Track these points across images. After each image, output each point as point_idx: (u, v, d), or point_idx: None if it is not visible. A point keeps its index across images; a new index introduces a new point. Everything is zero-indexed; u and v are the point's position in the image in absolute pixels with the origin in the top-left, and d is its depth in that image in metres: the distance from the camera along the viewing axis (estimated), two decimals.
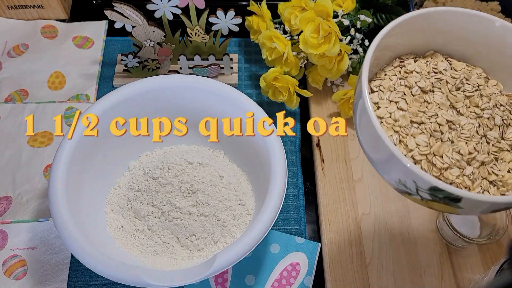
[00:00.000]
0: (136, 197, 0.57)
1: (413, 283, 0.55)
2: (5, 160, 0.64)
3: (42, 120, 0.67)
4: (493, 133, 0.35)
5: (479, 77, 0.39)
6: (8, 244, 0.57)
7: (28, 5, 0.75)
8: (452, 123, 0.35)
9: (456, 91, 0.37)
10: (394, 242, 0.58)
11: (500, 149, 0.35)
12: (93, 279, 0.55)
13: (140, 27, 0.62)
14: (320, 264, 0.57)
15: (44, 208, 0.59)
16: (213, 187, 0.57)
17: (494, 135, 0.35)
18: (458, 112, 0.36)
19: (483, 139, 0.35)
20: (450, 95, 0.36)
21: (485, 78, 0.39)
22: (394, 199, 0.61)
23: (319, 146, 0.65)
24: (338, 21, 0.64)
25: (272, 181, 0.48)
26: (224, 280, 0.55)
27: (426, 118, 0.35)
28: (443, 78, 0.37)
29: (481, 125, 0.35)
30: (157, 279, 0.43)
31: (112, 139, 0.55)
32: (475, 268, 0.56)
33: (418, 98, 0.36)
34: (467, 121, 0.35)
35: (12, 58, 0.73)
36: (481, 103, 0.36)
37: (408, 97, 0.36)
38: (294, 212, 0.61)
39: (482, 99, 0.37)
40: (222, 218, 0.55)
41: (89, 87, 0.71)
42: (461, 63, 0.39)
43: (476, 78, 0.38)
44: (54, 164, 0.49)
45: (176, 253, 0.53)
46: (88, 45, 0.75)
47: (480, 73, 0.39)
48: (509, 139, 0.35)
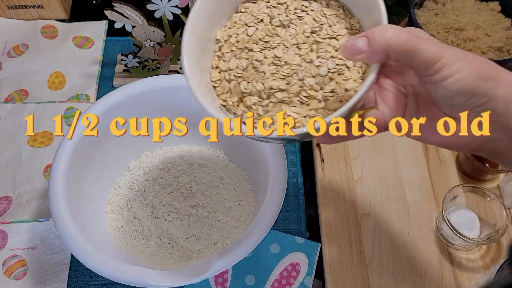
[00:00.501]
0: (136, 197, 0.57)
1: (413, 283, 0.55)
2: (5, 160, 0.64)
3: (42, 120, 0.67)
4: (310, 81, 0.35)
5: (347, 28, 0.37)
6: (8, 244, 0.57)
7: (28, 5, 0.75)
8: (278, 60, 0.35)
9: (311, 34, 0.36)
10: (394, 242, 0.58)
11: (310, 97, 0.35)
12: (93, 279, 0.55)
13: (140, 27, 0.62)
14: (320, 264, 0.57)
15: (44, 208, 0.59)
16: (213, 188, 0.57)
17: (310, 82, 0.35)
18: (298, 54, 0.36)
19: (298, 82, 0.35)
20: (300, 35, 0.36)
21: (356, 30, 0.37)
22: (394, 199, 0.61)
23: (319, 146, 0.65)
24: None
25: (272, 181, 0.48)
26: (224, 280, 0.55)
27: (258, 47, 0.36)
28: (305, 17, 0.37)
29: (305, 69, 0.35)
30: (157, 279, 0.43)
31: (112, 139, 0.55)
32: (475, 268, 0.56)
33: (271, 29, 0.37)
34: (296, 62, 0.35)
35: (12, 58, 0.73)
36: (322, 51, 0.36)
37: (261, 24, 0.37)
38: (294, 212, 0.61)
39: (327, 47, 0.36)
40: (222, 219, 0.55)
41: (89, 87, 0.71)
42: (336, 9, 0.37)
43: (341, 29, 0.37)
44: (54, 164, 0.49)
45: (176, 254, 0.53)
46: (88, 45, 0.75)
47: (353, 25, 0.37)
48: (326, 90, 0.35)
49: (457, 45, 0.67)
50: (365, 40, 0.31)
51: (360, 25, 0.37)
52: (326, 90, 0.35)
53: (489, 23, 0.68)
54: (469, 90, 0.29)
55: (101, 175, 0.56)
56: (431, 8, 0.71)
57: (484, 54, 0.66)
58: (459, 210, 0.58)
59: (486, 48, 0.66)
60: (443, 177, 0.62)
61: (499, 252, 0.57)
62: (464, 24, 0.68)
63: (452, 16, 0.69)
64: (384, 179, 0.62)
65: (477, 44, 0.66)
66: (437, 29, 0.68)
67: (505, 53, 0.66)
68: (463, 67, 0.28)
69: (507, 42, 0.67)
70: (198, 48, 0.37)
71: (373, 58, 0.31)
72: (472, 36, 0.67)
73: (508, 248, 0.56)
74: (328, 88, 0.35)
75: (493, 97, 0.29)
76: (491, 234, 0.54)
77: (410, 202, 0.61)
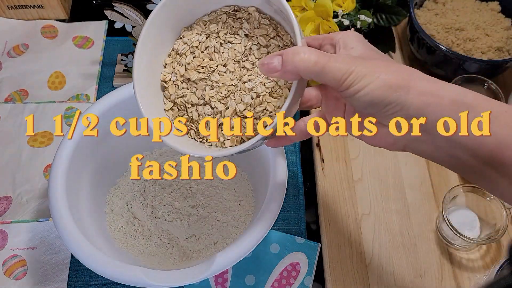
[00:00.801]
0: (136, 197, 0.57)
1: (413, 283, 0.55)
2: (5, 160, 0.64)
3: (42, 120, 0.67)
4: (241, 107, 0.38)
5: (279, 46, 0.39)
6: (8, 244, 0.57)
7: (28, 5, 0.75)
8: (216, 82, 0.39)
9: (241, 59, 0.39)
10: (394, 242, 0.58)
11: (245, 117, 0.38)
12: (93, 279, 0.55)
13: (140, 27, 0.62)
14: (320, 264, 0.57)
15: (44, 208, 0.59)
16: (213, 188, 0.57)
17: (241, 108, 0.38)
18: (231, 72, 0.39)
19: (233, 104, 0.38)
20: (230, 61, 0.39)
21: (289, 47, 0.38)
22: (394, 199, 0.61)
23: (319, 146, 0.65)
24: (338, 21, 0.64)
25: (272, 181, 0.48)
26: (224, 280, 0.55)
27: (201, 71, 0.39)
28: (234, 42, 0.39)
29: (240, 89, 0.38)
30: (157, 279, 0.43)
31: (112, 139, 0.55)
32: (475, 268, 0.56)
33: (208, 54, 0.40)
34: (226, 82, 0.39)
35: (12, 58, 0.73)
36: (252, 75, 0.38)
37: (198, 51, 0.40)
38: (294, 212, 0.61)
39: (256, 69, 0.38)
40: (222, 219, 0.55)
41: (89, 87, 0.71)
42: (266, 29, 0.39)
43: (273, 49, 0.38)
44: (54, 164, 0.49)
45: (176, 254, 0.53)
46: (88, 45, 0.75)
47: (285, 42, 0.39)
48: (258, 110, 0.38)
49: (457, 45, 0.67)
50: (280, 59, 0.33)
51: (292, 41, 0.39)
52: (257, 111, 0.38)
53: (489, 23, 0.68)
54: (380, 101, 0.31)
55: (101, 175, 0.56)
56: (431, 8, 0.71)
57: (484, 54, 0.66)
58: (459, 210, 0.58)
59: (486, 48, 0.66)
60: (443, 177, 0.62)
61: (499, 252, 0.57)
62: (464, 24, 0.68)
63: (452, 16, 0.69)
64: (384, 179, 0.62)
65: (477, 44, 0.66)
66: (437, 29, 0.68)
67: (505, 53, 0.66)
68: (372, 81, 0.31)
69: (507, 42, 0.67)
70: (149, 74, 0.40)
71: (287, 77, 0.33)
72: (472, 36, 0.67)
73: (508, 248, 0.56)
74: (259, 109, 0.38)
75: (405, 105, 0.31)
76: (491, 234, 0.54)
77: (410, 202, 0.61)
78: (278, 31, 0.39)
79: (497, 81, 0.66)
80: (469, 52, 0.66)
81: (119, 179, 0.59)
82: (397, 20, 0.69)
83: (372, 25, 0.69)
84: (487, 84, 0.64)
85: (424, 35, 0.66)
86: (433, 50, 0.66)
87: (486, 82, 0.64)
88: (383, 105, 0.32)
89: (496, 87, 0.63)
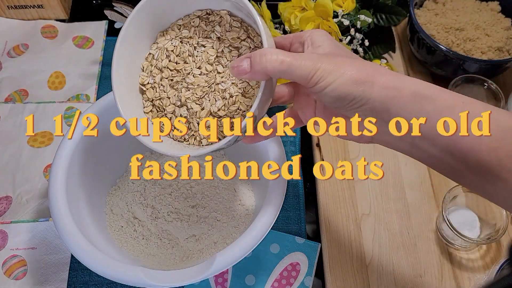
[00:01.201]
0: (136, 197, 0.57)
1: (413, 283, 0.55)
2: (5, 160, 0.64)
3: (42, 120, 0.67)
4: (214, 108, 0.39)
5: (251, 48, 0.40)
6: (8, 244, 0.57)
7: (28, 5, 0.75)
8: (191, 84, 0.40)
9: (213, 62, 0.40)
10: (394, 242, 0.58)
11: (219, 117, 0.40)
12: (93, 279, 0.55)
13: None
14: (320, 264, 0.57)
15: (44, 208, 0.59)
16: (213, 188, 0.57)
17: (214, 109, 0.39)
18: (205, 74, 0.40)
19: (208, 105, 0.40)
20: (204, 64, 0.40)
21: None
22: (394, 199, 0.61)
23: (319, 146, 0.65)
24: (338, 21, 0.64)
25: (272, 181, 0.48)
26: (224, 280, 0.55)
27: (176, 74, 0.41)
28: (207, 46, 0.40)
29: (208, 94, 0.40)
30: (157, 279, 0.43)
31: (112, 139, 0.55)
32: (475, 268, 0.56)
33: (182, 57, 0.41)
34: (200, 83, 0.40)
35: (12, 58, 0.73)
36: (225, 76, 0.39)
37: (173, 55, 0.41)
38: (294, 212, 0.61)
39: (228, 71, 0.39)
40: (222, 219, 0.55)
41: (89, 87, 0.71)
42: (237, 31, 0.40)
43: (244, 51, 0.39)
44: (54, 164, 0.49)
45: (176, 254, 0.53)
46: (88, 45, 0.75)
47: (256, 43, 0.40)
48: (231, 110, 0.39)
49: (457, 45, 0.67)
50: (249, 62, 0.34)
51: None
52: (231, 110, 0.39)
53: (489, 23, 0.68)
54: (346, 95, 0.33)
55: (101, 175, 0.56)
56: (431, 8, 0.71)
57: (484, 54, 0.66)
58: (459, 210, 0.58)
59: (486, 48, 0.66)
60: (443, 177, 0.62)
61: (499, 252, 0.57)
62: (464, 24, 0.68)
63: (452, 16, 0.69)
64: (384, 179, 0.62)
65: (477, 44, 0.66)
66: (437, 29, 0.68)
67: (505, 53, 0.66)
68: (338, 77, 0.33)
69: (507, 42, 0.67)
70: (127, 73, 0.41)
71: (256, 78, 0.35)
72: (472, 36, 0.67)
73: (508, 248, 0.56)
74: (232, 109, 0.39)
75: (370, 99, 0.33)
76: (491, 234, 0.54)
77: (410, 202, 0.61)
78: (249, 33, 0.40)
79: (497, 81, 0.66)
80: (469, 52, 0.66)
81: (119, 179, 0.59)
82: (397, 20, 0.69)
83: (372, 25, 0.69)
84: (487, 84, 0.64)
85: (424, 35, 0.66)
86: (433, 50, 0.66)
87: (486, 82, 0.64)
88: (349, 99, 0.33)
89: (496, 87, 0.63)
